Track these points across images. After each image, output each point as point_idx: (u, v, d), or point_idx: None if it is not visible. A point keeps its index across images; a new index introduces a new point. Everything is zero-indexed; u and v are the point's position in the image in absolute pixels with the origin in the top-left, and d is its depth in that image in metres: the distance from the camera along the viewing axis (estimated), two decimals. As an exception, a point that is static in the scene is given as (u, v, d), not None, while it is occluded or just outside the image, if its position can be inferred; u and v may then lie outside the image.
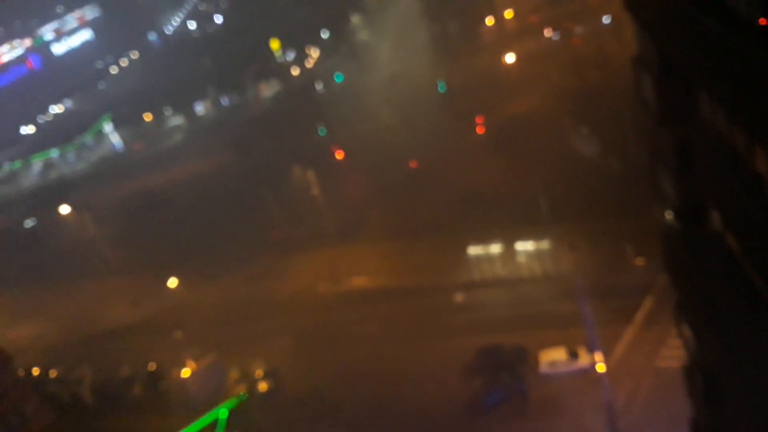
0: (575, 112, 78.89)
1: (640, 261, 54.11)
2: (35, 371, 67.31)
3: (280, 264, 74.79)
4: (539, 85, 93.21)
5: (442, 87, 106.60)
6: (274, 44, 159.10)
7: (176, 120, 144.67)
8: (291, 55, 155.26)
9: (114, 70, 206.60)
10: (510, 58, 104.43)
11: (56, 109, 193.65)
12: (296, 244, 77.02)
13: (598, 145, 71.76)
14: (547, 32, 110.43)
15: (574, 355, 47.47)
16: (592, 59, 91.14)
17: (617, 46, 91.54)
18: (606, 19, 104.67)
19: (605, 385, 42.15)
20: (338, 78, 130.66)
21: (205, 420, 54.85)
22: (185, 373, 59.50)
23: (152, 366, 62.83)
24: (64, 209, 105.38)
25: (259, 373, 58.54)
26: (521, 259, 61.85)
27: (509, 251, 62.85)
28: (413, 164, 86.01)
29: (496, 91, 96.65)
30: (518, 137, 79.93)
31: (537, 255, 60.96)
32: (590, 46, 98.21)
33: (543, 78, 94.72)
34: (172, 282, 74.52)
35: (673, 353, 43.32)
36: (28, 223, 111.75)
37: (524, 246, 62.36)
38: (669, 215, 26.81)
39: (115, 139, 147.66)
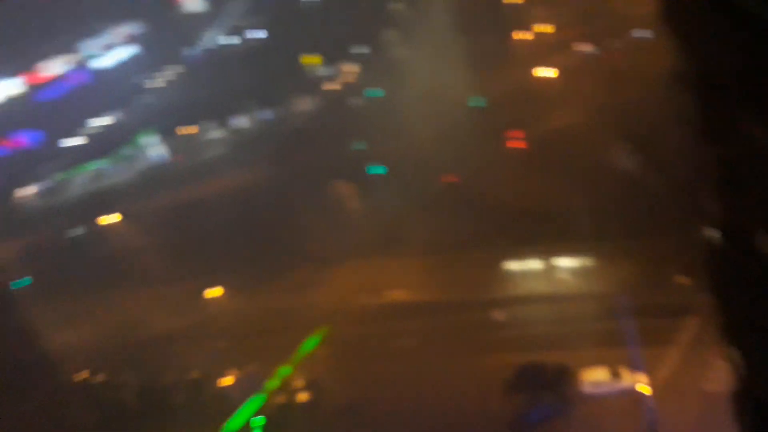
0: (614, 128, 78.38)
1: (683, 280, 53.51)
2: (82, 375, 68.93)
3: (319, 275, 75.51)
4: (577, 100, 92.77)
5: (478, 101, 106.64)
6: (313, 59, 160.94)
7: (217, 133, 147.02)
8: (329, 70, 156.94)
9: (158, 83, 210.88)
10: (547, 72, 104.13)
11: (102, 121, 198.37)
12: (335, 257, 77.64)
13: (640, 161, 71.23)
14: (584, 46, 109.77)
15: (616, 375, 47.12)
16: (630, 74, 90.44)
17: (656, 61, 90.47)
18: (644, 33, 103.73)
19: (649, 407, 41.81)
20: (375, 93, 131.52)
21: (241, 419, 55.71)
22: (227, 381, 60.51)
23: (195, 373, 63.96)
24: (109, 219, 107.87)
25: (298, 383, 59.27)
26: (562, 275, 61.59)
27: (550, 267, 62.64)
28: (451, 178, 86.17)
29: (534, 106, 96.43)
30: (558, 152, 79.68)
31: (578, 272, 60.65)
32: (628, 60, 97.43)
33: (580, 93, 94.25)
34: (215, 291, 75.90)
35: (720, 376, 42.74)
36: (75, 232, 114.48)
37: (565, 262, 62.08)
38: (713, 234, 26.78)
39: (159, 151, 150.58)
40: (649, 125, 73.56)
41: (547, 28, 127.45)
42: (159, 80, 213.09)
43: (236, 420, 56.47)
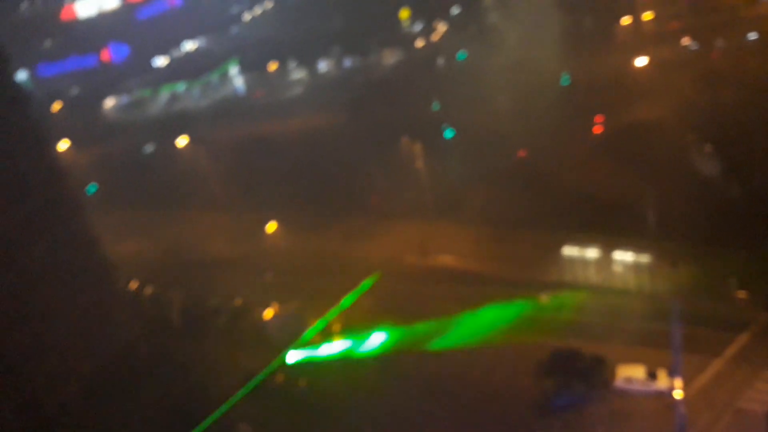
0: (701, 129, 75.16)
1: (742, 294, 51.55)
2: (132, 285, 71.95)
3: (374, 228, 76.16)
4: (668, 95, 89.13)
5: (566, 80, 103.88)
6: (404, 14, 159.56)
7: (299, 73, 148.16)
8: (418, 27, 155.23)
9: (248, 16, 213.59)
10: (642, 61, 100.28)
11: (189, 46, 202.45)
12: (393, 212, 78.04)
13: (721, 166, 68.27)
14: (686, 41, 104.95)
15: (652, 375, 46.08)
16: (730, 76, 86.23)
17: (759, 66, 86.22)
18: (752, 35, 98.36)
19: (680, 413, 40.84)
20: (461, 56, 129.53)
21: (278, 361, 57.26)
22: (268, 313, 62.15)
23: (239, 301, 65.89)
24: (182, 141, 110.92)
25: (336, 327, 60.35)
26: (617, 268, 60.06)
27: (606, 258, 61.10)
28: (523, 153, 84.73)
29: (621, 93, 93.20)
30: (637, 143, 77.19)
31: (635, 267, 58.99)
32: (730, 61, 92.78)
33: (673, 88, 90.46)
34: (271, 226, 77.64)
35: (759, 396, 41.35)
36: (148, 148, 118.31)
37: (623, 256, 60.37)
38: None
39: (239, 82, 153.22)
40: (737, 131, 70.29)
41: (650, 16, 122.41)
42: (250, 13, 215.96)
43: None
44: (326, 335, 60.30)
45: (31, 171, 56.25)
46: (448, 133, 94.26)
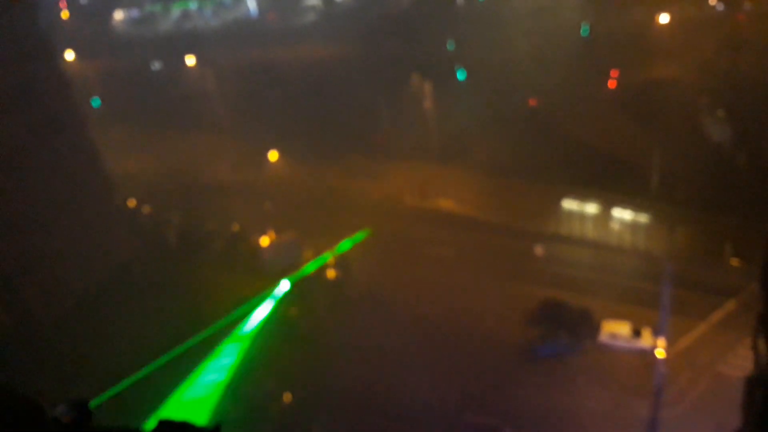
0: (717, 93, 74.01)
1: (735, 262, 51.83)
2: (130, 202, 72.05)
3: (375, 166, 75.80)
4: (687, 54, 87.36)
5: (585, 30, 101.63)
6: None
7: (315, 0, 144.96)
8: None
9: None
10: (664, 18, 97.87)
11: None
12: (395, 152, 77.55)
13: (731, 133, 67.52)
14: (716, 1, 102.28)
15: (637, 333, 46.76)
16: (754, 41, 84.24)
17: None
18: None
19: (659, 372, 41.62)
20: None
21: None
22: (264, 241, 62.56)
23: (236, 227, 66.20)
24: (190, 60, 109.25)
25: (331, 260, 60.89)
26: (615, 226, 60.26)
27: (605, 215, 61.23)
28: (533, 102, 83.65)
29: (640, 50, 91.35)
30: (649, 102, 76.14)
31: (632, 226, 59.18)
32: (757, 26, 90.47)
33: (694, 47, 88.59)
34: (273, 155, 77.25)
35: (739, 362, 41.98)
36: (155, 65, 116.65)
37: (622, 214, 60.52)
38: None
39: (252, 5, 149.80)
40: (752, 98, 69.19)
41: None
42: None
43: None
44: (320, 268, 60.87)
45: (36, 79, 55.58)
46: (460, 75, 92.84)
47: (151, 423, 4.41)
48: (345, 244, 62.52)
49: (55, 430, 4.21)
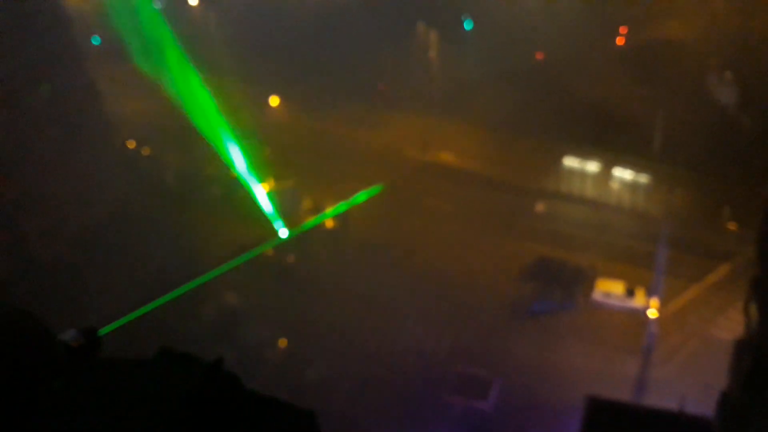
0: (729, 55, 72.84)
1: (732, 226, 51.94)
2: (130, 144, 71.54)
3: (376, 115, 75.11)
4: (699, 14, 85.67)
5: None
6: None
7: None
8: None
9: None
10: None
11: None
12: (397, 102, 76.70)
13: (738, 97, 66.75)
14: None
15: (630, 292, 47.18)
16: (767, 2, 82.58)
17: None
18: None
19: (651, 332, 42.14)
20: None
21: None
22: (263, 187, 62.45)
23: (234, 173, 65.93)
24: (193, 0, 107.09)
25: (329, 209, 60.95)
26: (615, 185, 60.17)
27: (605, 174, 61.06)
28: (540, 56, 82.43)
29: (652, 6, 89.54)
30: (657, 61, 75.07)
31: (632, 186, 59.09)
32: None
33: (706, 7, 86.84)
34: (274, 100, 76.46)
35: (730, 325, 42.49)
36: (157, 3, 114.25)
37: (622, 173, 60.32)
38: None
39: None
40: (762, 62, 68.17)
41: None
42: None
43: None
44: (319, 216, 60.96)
45: (34, 14, 54.53)
46: (467, 24, 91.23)
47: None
48: (343, 206, 62.41)
49: (64, 353, 4.31)
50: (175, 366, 4.28)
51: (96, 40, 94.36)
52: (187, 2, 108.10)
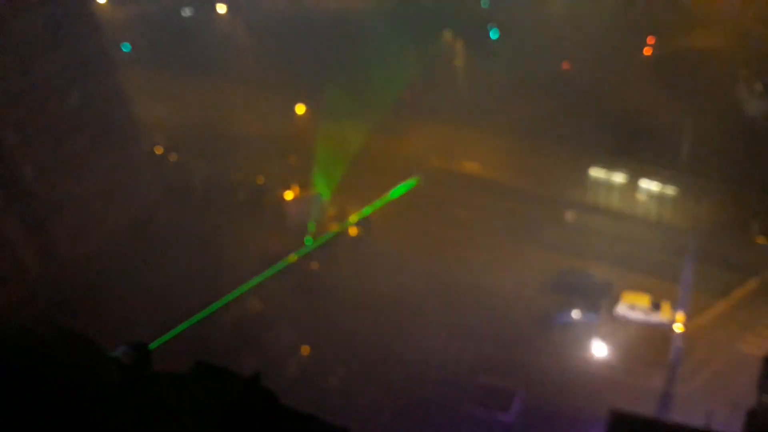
0: (757, 65, 71.93)
1: (761, 240, 51.14)
2: (158, 150, 72.46)
3: (401, 124, 75.21)
4: (729, 23, 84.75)
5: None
6: None
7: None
8: None
9: None
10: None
11: None
12: (422, 110, 76.82)
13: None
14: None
15: (656, 306, 46.62)
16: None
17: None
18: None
19: (676, 347, 41.58)
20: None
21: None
22: (288, 195, 62.90)
23: (260, 179, 66.49)
24: (221, 8, 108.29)
25: (353, 217, 61.17)
26: (642, 197, 59.53)
27: (632, 185, 60.45)
28: (567, 66, 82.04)
29: (680, 16, 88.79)
30: (685, 71, 74.35)
31: (659, 198, 58.44)
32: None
33: (736, 16, 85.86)
34: (300, 108, 76.96)
35: (758, 341, 41.83)
36: (186, 12, 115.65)
37: (649, 185, 59.67)
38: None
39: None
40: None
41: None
42: None
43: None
44: (343, 223, 61.19)
45: (66, 20, 55.54)
46: (494, 34, 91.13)
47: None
48: (374, 205, 62.54)
49: (116, 371, 4.38)
50: (214, 381, 4.36)
51: (126, 47, 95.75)
52: (215, 10, 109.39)
